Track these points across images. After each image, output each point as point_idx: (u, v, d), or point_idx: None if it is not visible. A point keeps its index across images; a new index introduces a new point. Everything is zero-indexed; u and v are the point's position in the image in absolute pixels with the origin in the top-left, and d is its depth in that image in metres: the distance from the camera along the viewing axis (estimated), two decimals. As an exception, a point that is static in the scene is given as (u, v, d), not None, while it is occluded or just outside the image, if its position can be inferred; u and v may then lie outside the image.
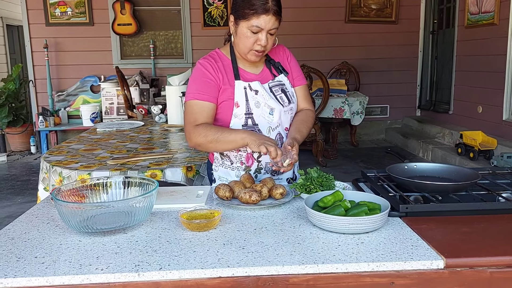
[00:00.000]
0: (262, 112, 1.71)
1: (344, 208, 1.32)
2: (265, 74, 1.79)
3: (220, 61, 1.74)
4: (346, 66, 6.70)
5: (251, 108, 1.70)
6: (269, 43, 1.65)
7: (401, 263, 1.09)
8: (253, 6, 1.58)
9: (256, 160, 1.77)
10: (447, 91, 6.25)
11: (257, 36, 1.62)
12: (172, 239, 1.24)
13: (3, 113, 6.31)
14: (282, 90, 1.79)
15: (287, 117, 1.78)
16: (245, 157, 1.77)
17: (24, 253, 1.17)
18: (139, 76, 6.45)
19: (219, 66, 1.72)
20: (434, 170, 1.70)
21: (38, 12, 6.38)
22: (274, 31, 1.64)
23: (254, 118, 1.71)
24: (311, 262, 1.09)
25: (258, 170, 1.79)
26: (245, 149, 1.74)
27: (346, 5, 6.67)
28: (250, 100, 1.70)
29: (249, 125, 1.72)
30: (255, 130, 1.72)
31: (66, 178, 2.07)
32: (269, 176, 1.79)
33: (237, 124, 1.71)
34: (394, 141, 6.74)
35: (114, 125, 3.38)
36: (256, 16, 1.59)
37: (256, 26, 1.60)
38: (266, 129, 1.73)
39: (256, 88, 1.72)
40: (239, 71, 1.74)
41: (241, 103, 1.70)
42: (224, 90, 1.70)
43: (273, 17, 1.59)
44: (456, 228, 1.29)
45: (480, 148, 4.62)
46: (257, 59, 1.71)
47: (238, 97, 1.70)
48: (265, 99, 1.72)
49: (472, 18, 5.49)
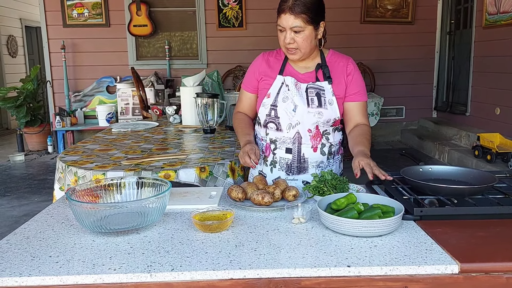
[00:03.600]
0: (286, 107, 1.80)
1: (357, 211, 1.31)
2: (310, 75, 1.84)
3: (275, 56, 1.90)
4: (361, 67, 6.65)
5: (278, 101, 1.81)
6: (298, 41, 1.73)
7: (415, 267, 1.07)
8: (278, 7, 1.72)
9: (272, 152, 1.87)
10: (464, 92, 6.16)
11: (284, 34, 1.73)
12: (185, 240, 1.25)
13: (21, 113, 6.42)
14: (317, 93, 1.80)
15: (311, 119, 1.80)
16: (265, 147, 1.90)
17: (39, 252, 1.18)
18: (154, 77, 6.50)
19: (271, 59, 1.89)
20: (450, 173, 1.67)
21: (55, 14, 6.48)
22: (297, 29, 1.70)
23: (277, 111, 1.81)
24: (324, 265, 1.08)
25: (273, 164, 1.88)
26: (266, 138, 1.88)
27: (362, 5, 6.62)
28: (281, 93, 1.82)
29: (272, 116, 1.83)
30: (276, 123, 1.83)
31: (81, 178, 2.09)
32: (284, 173, 1.84)
33: (263, 112, 1.86)
34: (409, 143, 6.67)
35: (129, 126, 3.41)
36: (278, 16, 1.72)
37: (279, 25, 1.73)
38: (287, 125, 1.82)
39: (288, 83, 1.81)
40: (287, 67, 1.86)
41: (272, 94, 1.83)
42: (264, 81, 1.87)
43: (291, 15, 1.68)
44: (472, 232, 1.27)
45: (497, 150, 4.54)
46: (294, 57, 1.79)
47: (272, 89, 1.84)
48: (292, 95, 1.79)
49: (490, 18, 5.40)
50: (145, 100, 5.42)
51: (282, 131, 1.82)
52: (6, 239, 1.28)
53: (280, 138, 1.84)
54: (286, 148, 1.83)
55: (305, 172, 1.85)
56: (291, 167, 1.85)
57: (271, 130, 1.86)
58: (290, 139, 1.82)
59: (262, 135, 1.92)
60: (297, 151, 1.82)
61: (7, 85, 8.13)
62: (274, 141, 1.86)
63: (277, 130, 1.83)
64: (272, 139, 1.87)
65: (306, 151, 1.83)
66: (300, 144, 1.82)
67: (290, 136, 1.81)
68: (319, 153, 1.84)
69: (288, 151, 1.83)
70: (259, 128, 1.93)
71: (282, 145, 1.84)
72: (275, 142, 1.86)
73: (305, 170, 1.85)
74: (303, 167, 1.84)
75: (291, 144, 1.82)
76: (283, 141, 1.83)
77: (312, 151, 1.83)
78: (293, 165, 1.84)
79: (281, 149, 1.85)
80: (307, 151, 1.83)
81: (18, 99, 6.44)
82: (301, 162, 1.84)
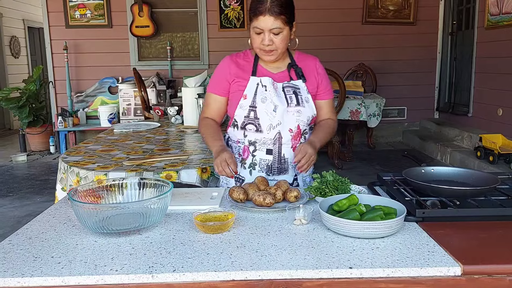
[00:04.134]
0: (266, 107, 1.78)
1: (359, 212, 1.31)
2: (283, 75, 1.85)
3: (243, 58, 1.88)
4: (363, 68, 6.65)
5: (257, 102, 1.78)
6: (276, 42, 1.73)
7: (417, 269, 1.07)
8: (254, 9, 1.70)
9: (251, 154, 1.84)
10: (466, 93, 6.15)
11: (261, 36, 1.72)
12: (186, 241, 1.25)
13: (23, 114, 6.44)
14: (294, 92, 1.82)
15: (290, 118, 1.80)
16: (242, 149, 1.86)
17: (41, 253, 1.18)
18: (156, 77, 6.50)
19: (240, 61, 1.86)
20: (452, 174, 1.67)
21: (58, 15, 6.49)
22: (277, 30, 1.70)
23: (257, 112, 1.79)
24: (325, 266, 1.08)
25: (253, 166, 1.84)
26: (243, 141, 1.84)
27: (363, 6, 6.61)
28: (258, 94, 1.79)
29: (251, 117, 1.79)
30: (256, 124, 1.79)
31: (83, 178, 2.10)
32: (264, 174, 1.83)
33: (240, 114, 1.81)
34: (411, 144, 6.66)
35: (131, 126, 3.42)
36: (255, 18, 1.70)
37: (256, 27, 1.71)
38: (267, 126, 1.79)
39: (265, 84, 1.80)
40: (259, 68, 1.84)
41: (249, 96, 1.79)
42: (237, 82, 1.83)
43: (270, 17, 1.67)
44: (474, 234, 1.27)
45: (500, 151, 4.53)
46: (270, 58, 1.79)
47: (248, 91, 1.80)
48: (271, 95, 1.78)
49: (493, 19, 5.39)
50: (147, 101, 5.43)
51: (262, 132, 1.80)
52: (9, 240, 1.28)
53: (260, 139, 1.81)
54: (266, 149, 1.81)
55: (285, 173, 1.85)
56: (271, 168, 1.83)
57: (250, 132, 1.82)
58: (271, 140, 1.80)
59: (239, 138, 1.86)
60: (278, 151, 1.82)
61: (10, 85, 8.14)
62: (254, 143, 1.82)
63: (257, 131, 1.80)
64: (251, 141, 1.83)
65: (287, 151, 1.83)
66: (280, 144, 1.81)
67: (271, 137, 1.80)
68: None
69: (269, 152, 1.82)
70: (235, 131, 1.87)
71: (262, 146, 1.81)
72: (255, 143, 1.82)
73: (285, 170, 1.85)
74: (283, 167, 1.84)
75: (272, 145, 1.81)
76: (264, 142, 1.81)
77: (291, 151, 1.83)
78: (274, 166, 1.83)
79: (261, 150, 1.82)
80: (287, 151, 1.83)
81: (20, 99, 6.45)
82: (282, 162, 1.83)
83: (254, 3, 1.71)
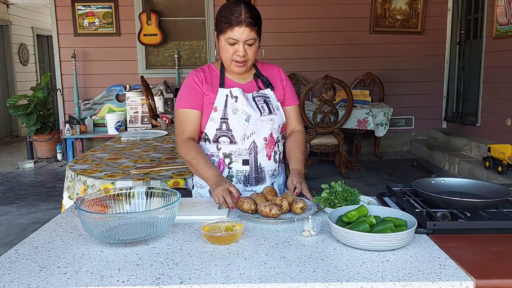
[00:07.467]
0: (238, 118, 1.77)
1: (369, 224, 1.29)
2: (251, 85, 1.86)
3: (209, 72, 1.85)
4: (370, 77, 6.64)
5: (228, 114, 1.77)
6: (249, 53, 1.73)
7: (429, 284, 1.05)
8: (227, 20, 1.69)
9: (227, 167, 1.82)
10: (474, 103, 6.11)
11: (235, 47, 1.71)
12: (193, 252, 1.23)
13: (31, 121, 6.47)
14: (265, 101, 1.83)
15: (264, 127, 1.80)
16: (217, 163, 1.82)
17: (47, 263, 1.17)
18: (163, 85, 6.53)
19: (207, 76, 1.83)
20: (463, 185, 1.64)
21: (67, 23, 6.55)
22: (251, 41, 1.72)
23: (229, 124, 1.77)
24: (335, 279, 1.06)
25: (229, 178, 1.81)
26: (217, 154, 1.81)
27: (371, 15, 6.62)
28: (228, 106, 1.78)
29: (223, 129, 1.77)
30: (229, 136, 1.77)
31: (90, 187, 2.09)
32: (242, 185, 1.82)
33: (212, 127, 1.78)
34: (419, 153, 6.62)
35: (138, 134, 3.42)
36: (230, 29, 1.69)
37: (231, 38, 1.70)
38: (241, 137, 1.78)
39: (236, 95, 1.79)
40: (226, 80, 1.83)
41: (219, 108, 1.78)
42: (207, 96, 1.80)
43: (246, 28, 1.68)
44: (486, 247, 1.24)
45: (509, 162, 4.48)
46: (240, 70, 1.78)
47: (218, 103, 1.78)
48: (243, 106, 1.78)
49: (501, 28, 5.37)
50: (154, 109, 5.44)
51: (236, 143, 1.78)
52: (15, 249, 1.27)
53: (235, 151, 1.79)
54: (243, 160, 1.80)
55: (263, 183, 1.84)
56: (249, 178, 1.82)
57: (223, 144, 1.79)
58: (246, 150, 1.79)
59: (212, 151, 1.82)
60: (254, 161, 1.80)
61: (18, 92, 8.22)
62: (229, 155, 1.80)
63: (231, 143, 1.78)
64: (226, 153, 1.80)
65: (262, 160, 1.82)
66: (256, 153, 1.80)
67: (246, 147, 1.79)
68: (272, 161, 1.85)
69: (245, 163, 1.80)
70: (207, 144, 1.82)
71: (238, 157, 1.80)
72: (230, 155, 1.80)
73: (263, 180, 1.84)
74: (260, 177, 1.83)
75: (248, 155, 1.80)
76: (239, 153, 1.79)
77: (267, 160, 1.83)
78: (251, 176, 1.82)
79: (237, 162, 1.80)
80: (263, 160, 1.82)
81: (28, 106, 6.50)
82: (259, 172, 1.82)
83: (226, 13, 1.69)
